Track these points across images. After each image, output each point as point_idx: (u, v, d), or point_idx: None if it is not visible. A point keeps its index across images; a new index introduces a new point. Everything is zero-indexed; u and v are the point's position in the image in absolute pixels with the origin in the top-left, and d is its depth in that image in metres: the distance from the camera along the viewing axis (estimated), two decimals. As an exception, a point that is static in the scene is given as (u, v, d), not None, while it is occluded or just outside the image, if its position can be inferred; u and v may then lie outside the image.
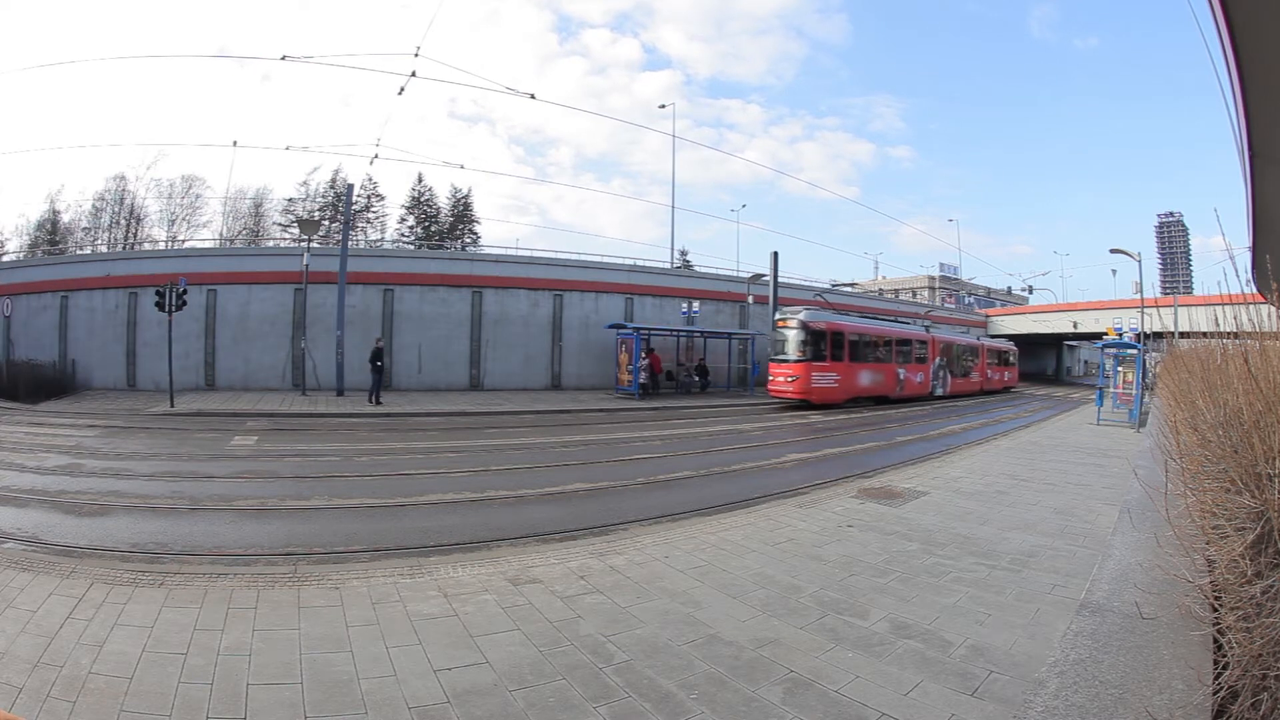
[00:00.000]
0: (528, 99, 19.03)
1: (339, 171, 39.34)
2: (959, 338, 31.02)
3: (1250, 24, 3.38)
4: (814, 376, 19.03)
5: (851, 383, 20.60)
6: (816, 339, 19.44)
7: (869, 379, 21.53)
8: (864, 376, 21.27)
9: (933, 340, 26.18)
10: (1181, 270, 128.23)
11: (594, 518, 6.03)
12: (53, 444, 9.61)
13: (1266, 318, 2.19)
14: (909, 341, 24.70)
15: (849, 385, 20.43)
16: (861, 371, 21.15)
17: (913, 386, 24.05)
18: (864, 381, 21.27)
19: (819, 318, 20.15)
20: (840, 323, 21.03)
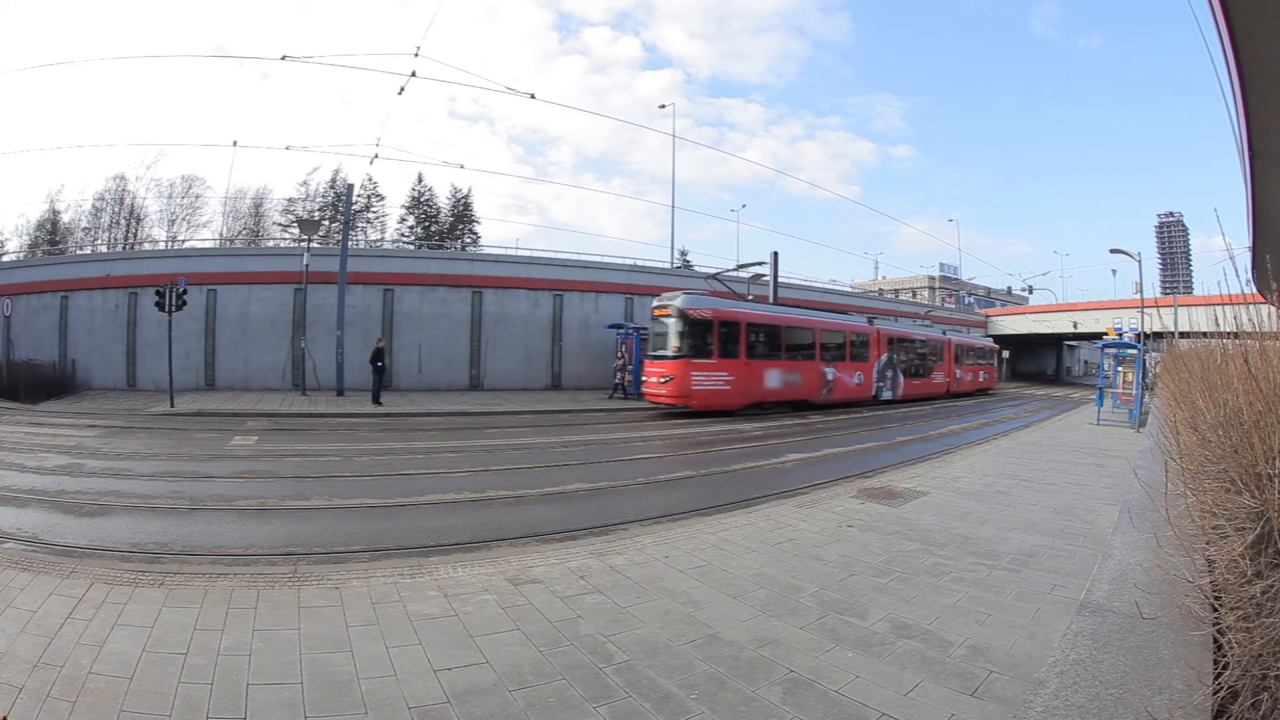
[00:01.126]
0: (527, 98, 18.99)
1: (339, 171, 39.38)
2: (916, 331, 27.26)
3: (1250, 24, 3.38)
4: (694, 376, 15.49)
5: (751, 384, 16.87)
6: (699, 330, 15.87)
7: (780, 380, 17.81)
8: (772, 377, 17.58)
9: (876, 334, 22.44)
10: (1181, 270, 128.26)
11: (594, 518, 6.03)
12: (53, 444, 9.60)
13: (1266, 318, 2.20)
14: (840, 335, 20.88)
15: (747, 387, 16.72)
16: (768, 371, 17.48)
17: (846, 389, 20.42)
18: (772, 383, 17.55)
19: (703, 304, 16.39)
20: (735, 310, 17.16)
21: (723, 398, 16.04)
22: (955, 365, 28.15)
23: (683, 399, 15.49)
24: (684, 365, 15.55)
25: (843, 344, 20.74)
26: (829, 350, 20.05)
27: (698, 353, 15.69)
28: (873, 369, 21.84)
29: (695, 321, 15.89)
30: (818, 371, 19.33)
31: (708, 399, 15.73)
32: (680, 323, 15.80)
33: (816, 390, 19.13)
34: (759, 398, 17.18)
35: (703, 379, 15.64)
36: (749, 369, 16.74)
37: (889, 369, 22.83)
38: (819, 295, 33.15)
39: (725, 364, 16.15)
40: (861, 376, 21.27)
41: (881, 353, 22.37)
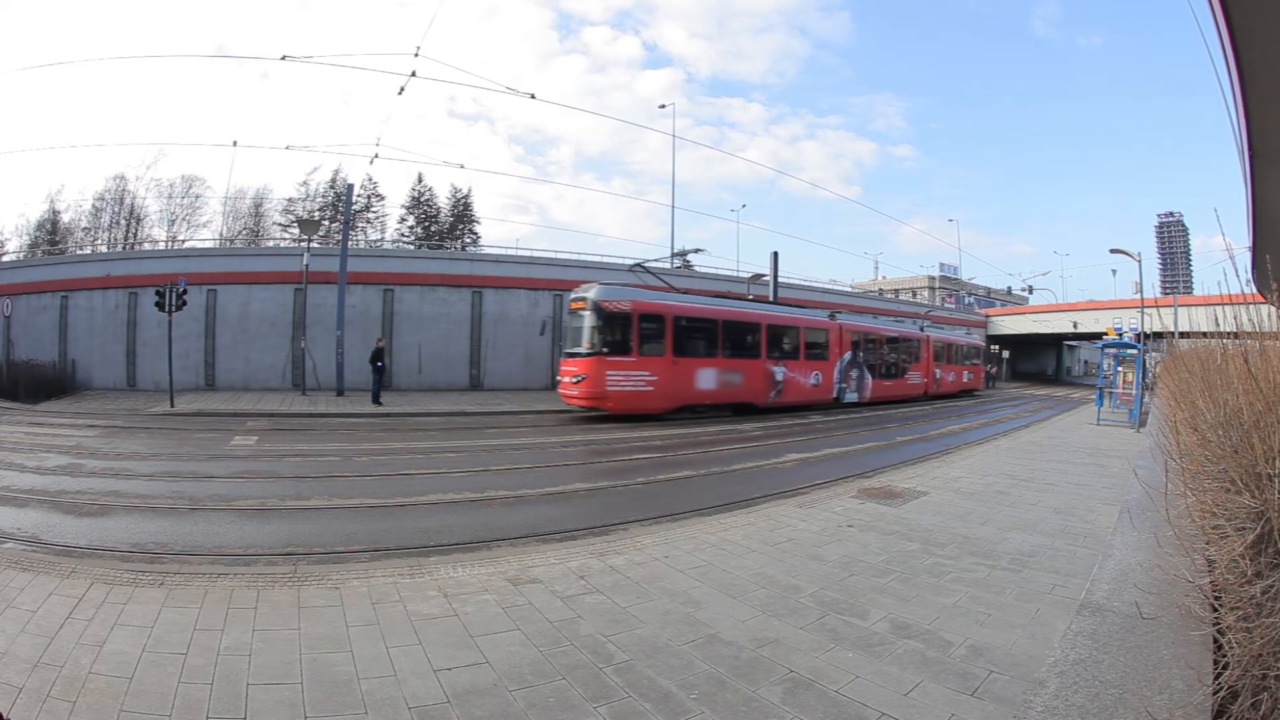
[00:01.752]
0: (527, 98, 18.99)
1: (339, 171, 39.36)
2: (886, 327, 25.04)
3: (1250, 24, 3.38)
4: (609, 376, 13.93)
5: (679, 385, 15.06)
6: (616, 324, 14.30)
7: (716, 380, 15.96)
8: (705, 376, 15.76)
9: (837, 330, 20.38)
10: (1181, 270, 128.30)
11: (594, 518, 6.03)
12: (53, 444, 9.60)
13: (1266, 318, 2.20)
14: (793, 331, 18.76)
15: (674, 388, 14.94)
16: (701, 370, 15.68)
17: (800, 391, 18.46)
18: (705, 383, 15.71)
19: (620, 295, 14.72)
20: (659, 302, 15.34)
21: (643, 400, 14.38)
22: (935, 364, 26.20)
23: (596, 401, 14.08)
24: (597, 363, 14.00)
25: (795, 341, 18.75)
26: (779, 347, 18.12)
27: (614, 349, 14.17)
28: (833, 368, 19.91)
29: (611, 315, 14.29)
30: (763, 371, 17.35)
31: (625, 401, 14.15)
32: (594, 316, 14.21)
33: (763, 392, 17.27)
34: (689, 400, 15.43)
35: (619, 379, 14.08)
36: (676, 368, 15.02)
37: (853, 368, 20.87)
38: (819, 295, 33.15)
39: (647, 362, 14.54)
40: (819, 377, 19.29)
41: (844, 350, 20.44)
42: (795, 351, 18.63)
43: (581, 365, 14.18)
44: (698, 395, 15.66)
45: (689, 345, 15.75)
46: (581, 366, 14.17)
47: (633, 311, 14.55)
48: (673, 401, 15.03)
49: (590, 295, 14.48)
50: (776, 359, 17.85)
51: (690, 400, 15.49)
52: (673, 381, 14.93)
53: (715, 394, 16.02)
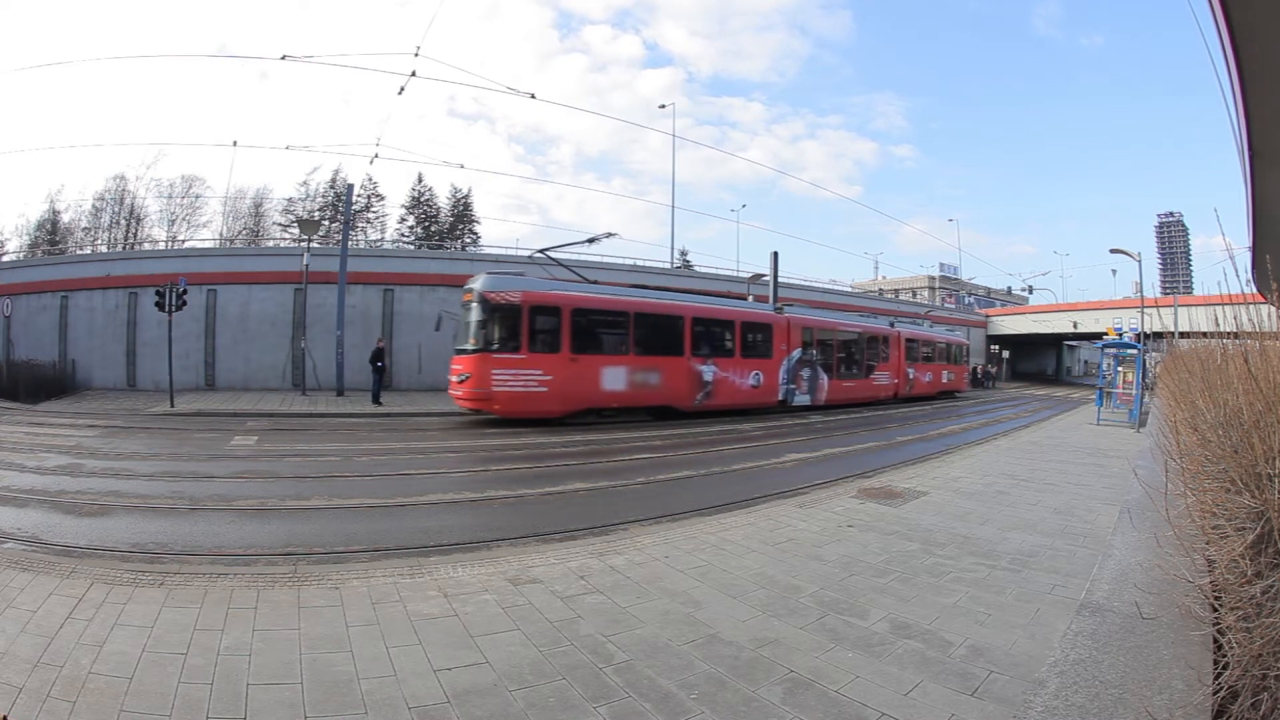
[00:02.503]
0: (528, 98, 18.98)
1: (339, 171, 39.42)
2: (846, 321, 22.58)
3: (1250, 24, 3.38)
4: (495, 375, 12.62)
5: (578, 385, 13.48)
6: (504, 317, 12.91)
7: (626, 380, 14.19)
8: (612, 376, 14.01)
9: (785, 324, 18.24)
10: (1181, 270, 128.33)
11: (594, 518, 6.03)
12: (53, 444, 9.61)
13: (1266, 318, 2.20)
14: (726, 325, 16.76)
15: (572, 389, 13.38)
16: (607, 368, 13.97)
17: (735, 393, 16.49)
18: (612, 384, 13.99)
19: (510, 285, 13.26)
20: (555, 293, 13.72)
21: (535, 402, 12.99)
22: (907, 363, 23.96)
23: (481, 403, 12.88)
24: (482, 361, 12.71)
25: (729, 336, 16.73)
26: (708, 343, 16.17)
27: (502, 346, 12.86)
28: (778, 368, 17.85)
29: (498, 307, 12.90)
30: (687, 370, 15.44)
31: (513, 403, 12.86)
32: (480, 309, 12.89)
33: (686, 394, 15.43)
34: (592, 402, 13.84)
35: (507, 378, 12.72)
36: (575, 366, 13.46)
37: (805, 367, 18.80)
38: (819, 295, 33.16)
39: (539, 359, 13.07)
40: (760, 377, 17.25)
41: (793, 347, 18.34)
42: (729, 348, 16.66)
43: (466, 363, 12.92)
44: (603, 397, 13.98)
45: (592, 341, 14.10)
46: (466, 365, 12.91)
47: (523, 303, 12.99)
48: (571, 404, 13.49)
49: (476, 286, 13.10)
50: (704, 356, 15.93)
51: (594, 403, 13.88)
52: (570, 381, 13.36)
53: (626, 396, 14.29)
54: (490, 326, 12.90)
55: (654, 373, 14.85)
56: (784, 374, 18.06)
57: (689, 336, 15.65)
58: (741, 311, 17.69)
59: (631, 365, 14.46)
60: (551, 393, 13.11)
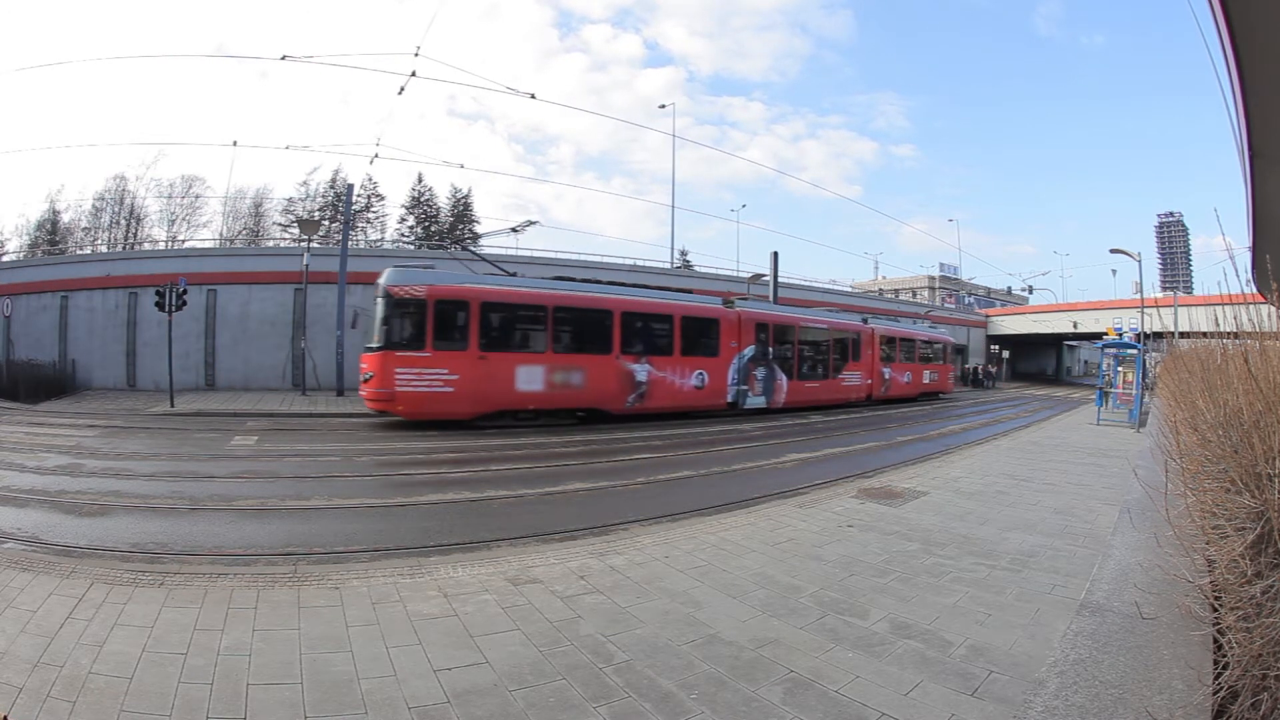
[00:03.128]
0: (527, 98, 18.99)
1: (339, 171, 39.43)
2: (808, 317, 20.54)
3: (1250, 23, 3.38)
4: (398, 375, 11.90)
5: (489, 385, 12.51)
6: (409, 312, 12.19)
7: (546, 380, 13.19)
8: (527, 375, 13.00)
9: (735, 319, 16.72)
10: (1181, 270, 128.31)
11: (594, 518, 6.03)
12: (53, 444, 9.61)
13: (1266, 318, 2.20)
14: (664, 319, 15.32)
15: (482, 389, 12.45)
16: (521, 367, 12.98)
17: (675, 394, 15.19)
18: (529, 384, 12.98)
19: (416, 279, 12.49)
20: (463, 286, 12.74)
21: (440, 403, 12.17)
22: (883, 363, 22.44)
23: (385, 403, 12.19)
24: (385, 360, 11.97)
25: (667, 332, 15.30)
26: (643, 340, 14.81)
27: (406, 343, 12.10)
28: (727, 367, 16.39)
29: (403, 302, 12.17)
30: (617, 369, 14.20)
31: (417, 404, 12.12)
32: (385, 304, 12.22)
33: (617, 395, 14.21)
34: (506, 404, 12.86)
35: (410, 378, 11.95)
36: (485, 365, 12.47)
37: (759, 366, 17.30)
38: (820, 295, 33.17)
39: (444, 358, 12.16)
40: (705, 377, 15.79)
41: (745, 345, 16.85)
42: (667, 345, 15.23)
43: (371, 362, 12.27)
44: (518, 398, 13.00)
45: (505, 337, 13.20)
46: (370, 363, 12.27)
47: (428, 297, 12.19)
48: (481, 405, 12.57)
49: (382, 280, 12.39)
50: (638, 354, 14.61)
51: (507, 404, 12.90)
52: (480, 381, 12.41)
53: (544, 397, 13.27)
54: (394, 322, 12.18)
55: (577, 372, 13.71)
56: (734, 373, 16.58)
57: (618, 332, 14.34)
58: (682, 305, 16.03)
59: (550, 364, 13.37)
60: (458, 393, 12.25)
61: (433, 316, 12.21)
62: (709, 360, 16.06)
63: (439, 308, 12.29)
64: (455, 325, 12.46)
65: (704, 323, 16.29)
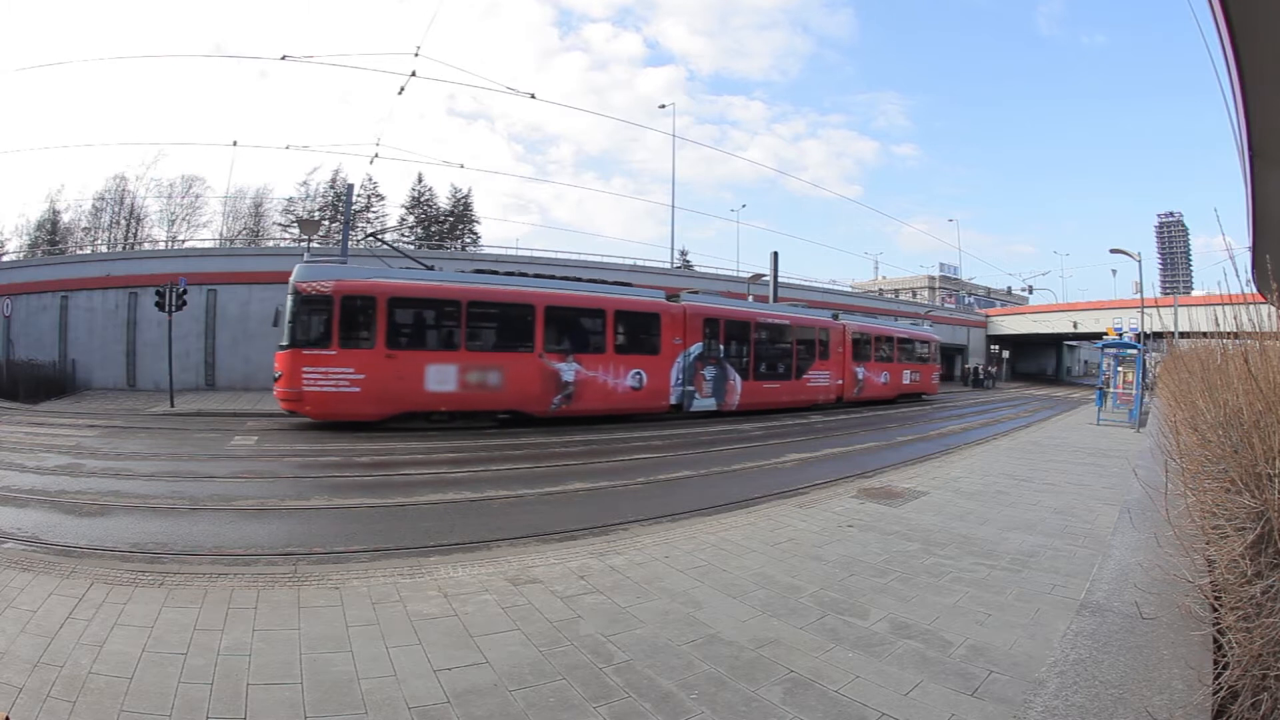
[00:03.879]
0: (528, 98, 18.98)
1: (339, 171, 39.48)
2: (773, 312, 19.32)
3: (1250, 24, 3.38)
4: (305, 374, 11.45)
5: (397, 385, 11.93)
6: (316, 310, 11.72)
7: (459, 380, 12.44)
8: (439, 375, 12.29)
9: (678, 314, 15.51)
10: (1181, 270, 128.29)
11: (594, 518, 6.03)
12: (53, 444, 9.60)
13: (1266, 318, 2.20)
14: (595, 314, 14.33)
15: (389, 389, 11.88)
16: (431, 366, 12.28)
17: (607, 395, 14.16)
18: (441, 384, 12.28)
19: (323, 275, 11.97)
20: (369, 281, 12.13)
21: (347, 403, 11.66)
22: (856, 362, 21.07)
23: (293, 403, 11.75)
24: (292, 358, 11.56)
25: (599, 328, 14.24)
26: (570, 336, 13.91)
27: (313, 341, 11.63)
28: (669, 366, 15.17)
29: (309, 299, 11.66)
30: (540, 369, 13.29)
31: (325, 404, 11.64)
32: (293, 302, 11.73)
33: (540, 397, 13.31)
34: (414, 405, 12.22)
35: (317, 377, 11.47)
36: (392, 364, 11.89)
37: (708, 366, 16.00)
38: (819, 295, 33.18)
39: (350, 356, 11.65)
40: (643, 377, 14.62)
41: (691, 341, 15.61)
42: (598, 343, 14.21)
43: (280, 361, 11.84)
44: (428, 399, 12.30)
45: (415, 334, 12.59)
46: (280, 362, 11.84)
47: (334, 294, 11.69)
48: (388, 406, 11.98)
49: (291, 277, 11.92)
50: (564, 352, 13.64)
51: (418, 405, 12.26)
52: (387, 381, 11.83)
53: (458, 398, 12.51)
54: (301, 320, 11.74)
55: (494, 372, 12.90)
56: (678, 373, 15.33)
57: (541, 328, 13.39)
58: (615, 299, 14.84)
59: (464, 363, 12.56)
60: (365, 393, 11.72)
61: (339, 313, 11.77)
62: (648, 359, 14.90)
63: (345, 304, 11.80)
64: (362, 322, 11.95)
65: (641, 318, 15.06)
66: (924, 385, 25.31)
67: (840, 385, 20.35)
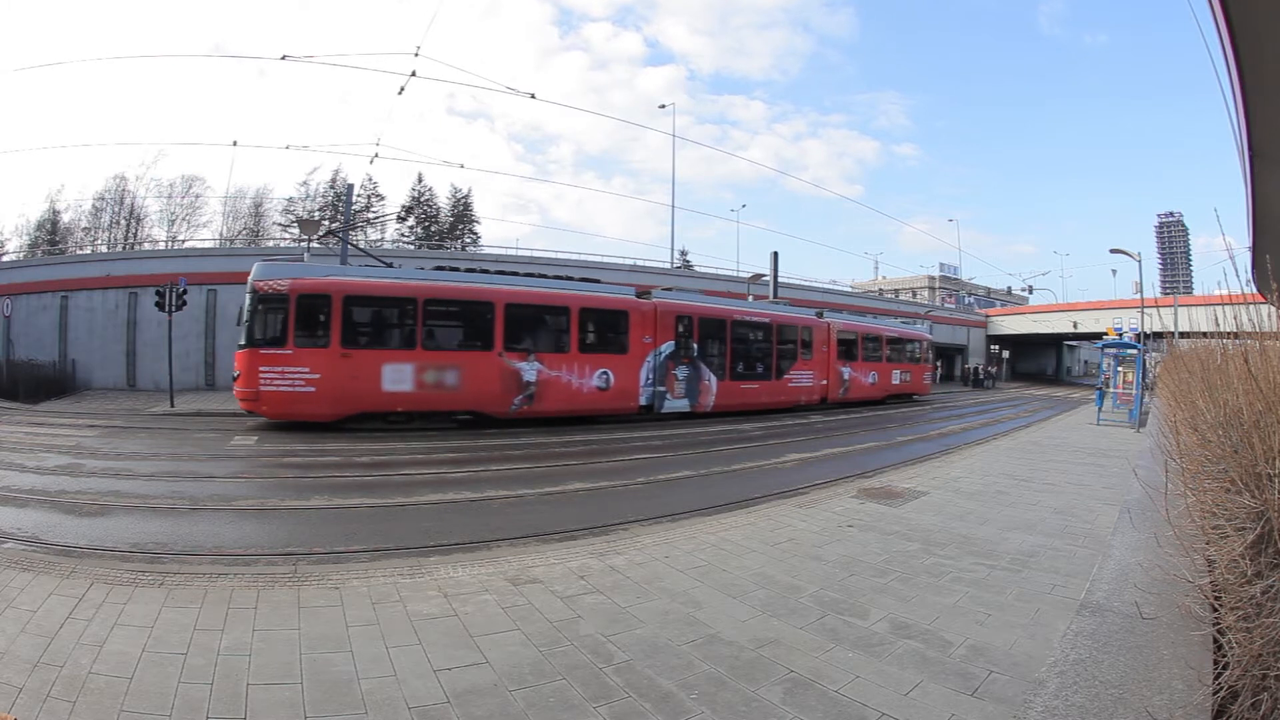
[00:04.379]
0: (527, 97, 18.98)
1: (339, 171, 39.50)
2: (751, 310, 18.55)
3: (1250, 24, 3.38)
4: (262, 374, 11.44)
5: (353, 385, 11.75)
6: (272, 309, 11.62)
7: (415, 380, 12.21)
8: (395, 375, 12.08)
9: (649, 311, 15.05)
10: (1181, 270, 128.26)
11: (594, 518, 6.03)
12: (53, 444, 9.60)
13: (1266, 318, 2.20)
14: (559, 312, 13.94)
15: (346, 390, 11.71)
16: (387, 366, 12.07)
17: (571, 396, 13.78)
18: (395, 384, 12.07)
19: (279, 273, 11.85)
20: (325, 279, 11.97)
21: (302, 403, 11.53)
22: (841, 361, 20.54)
23: (250, 403, 11.67)
24: (250, 358, 11.48)
25: (563, 326, 13.89)
26: (532, 335, 13.58)
27: (270, 341, 11.54)
28: (639, 365, 14.71)
29: (266, 298, 11.56)
30: (499, 369, 12.96)
31: (280, 404, 11.57)
32: (251, 301, 11.64)
33: (499, 397, 12.96)
34: (370, 405, 11.98)
35: (273, 376, 11.39)
36: (348, 363, 11.71)
37: (681, 365, 15.50)
38: (819, 295, 33.19)
39: (306, 355, 11.52)
40: (610, 377, 14.22)
41: (662, 340, 15.13)
42: (562, 341, 13.87)
43: (239, 360, 11.79)
44: (384, 400, 12.07)
45: (371, 333, 12.42)
46: (238, 361, 11.80)
47: (289, 292, 11.55)
48: (343, 406, 11.78)
49: (250, 277, 11.82)
50: (525, 351, 13.30)
51: (374, 406, 12.03)
52: (342, 381, 11.65)
53: (414, 399, 12.28)
54: (258, 319, 11.66)
55: (451, 371, 12.58)
56: (648, 373, 14.82)
57: (501, 326, 13.04)
58: (580, 295, 14.38)
59: (420, 362, 12.31)
60: (320, 393, 11.54)
61: (295, 312, 11.62)
62: (616, 358, 14.42)
63: (301, 303, 11.66)
64: (318, 321, 11.80)
65: (608, 315, 14.60)
66: (915, 386, 24.79)
67: (824, 385, 19.87)
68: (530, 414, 13.29)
